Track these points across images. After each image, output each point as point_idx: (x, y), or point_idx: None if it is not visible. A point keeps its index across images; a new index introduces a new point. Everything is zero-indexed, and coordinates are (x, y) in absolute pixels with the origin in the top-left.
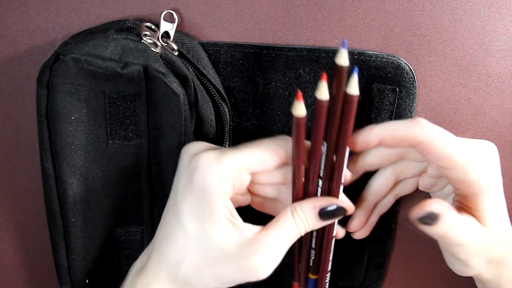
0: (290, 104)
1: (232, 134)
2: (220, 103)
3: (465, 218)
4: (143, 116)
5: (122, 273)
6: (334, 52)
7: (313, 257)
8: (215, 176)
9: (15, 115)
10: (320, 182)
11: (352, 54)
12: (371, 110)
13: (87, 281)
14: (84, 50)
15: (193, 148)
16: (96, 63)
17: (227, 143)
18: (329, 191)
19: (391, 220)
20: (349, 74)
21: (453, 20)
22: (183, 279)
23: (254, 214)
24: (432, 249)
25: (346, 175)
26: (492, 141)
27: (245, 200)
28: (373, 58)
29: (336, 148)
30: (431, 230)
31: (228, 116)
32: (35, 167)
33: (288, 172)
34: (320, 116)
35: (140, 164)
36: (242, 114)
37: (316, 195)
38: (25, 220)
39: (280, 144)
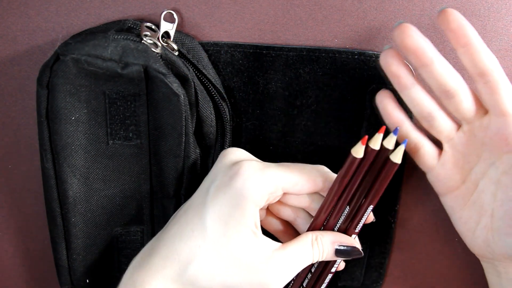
0: (290, 104)
1: (232, 134)
2: (220, 103)
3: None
4: (143, 117)
5: (122, 273)
6: (334, 52)
7: (306, 281)
8: (256, 186)
9: (15, 115)
10: (340, 219)
11: (352, 54)
12: (371, 110)
13: (87, 281)
14: (84, 51)
15: (235, 153)
16: (96, 63)
17: (227, 143)
18: (346, 230)
19: (391, 220)
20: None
21: None
22: (190, 279)
23: None
24: (432, 250)
25: (369, 217)
26: None
27: (261, 215)
28: (373, 58)
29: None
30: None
31: (228, 116)
32: (35, 167)
33: (314, 200)
34: (354, 171)
35: (141, 164)
36: (242, 114)
37: (333, 229)
38: (25, 220)
39: (321, 173)
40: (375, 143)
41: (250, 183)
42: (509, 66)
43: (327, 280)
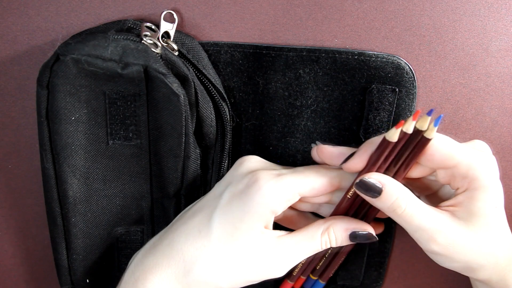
0: (290, 104)
1: (232, 134)
2: (220, 103)
3: (426, 205)
4: (143, 117)
5: (122, 272)
6: (334, 52)
7: (321, 262)
8: (273, 194)
9: (15, 115)
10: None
11: (352, 54)
12: (370, 110)
13: (87, 280)
14: (85, 51)
15: (252, 161)
16: (97, 63)
17: (227, 143)
18: (365, 215)
19: (391, 220)
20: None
21: (453, 20)
22: (196, 279)
23: None
24: None
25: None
26: (492, 141)
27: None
28: (373, 58)
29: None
30: (377, 203)
31: (228, 116)
32: (35, 167)
33: (334, 194)
34: (384, 152)
35: (141, 164)
36: (242, 114)
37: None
38: (25, 220)
39: (337, 173)
40: (409, 127)
41: (267, 192)
42: (509, 66)
43: (340, 262)
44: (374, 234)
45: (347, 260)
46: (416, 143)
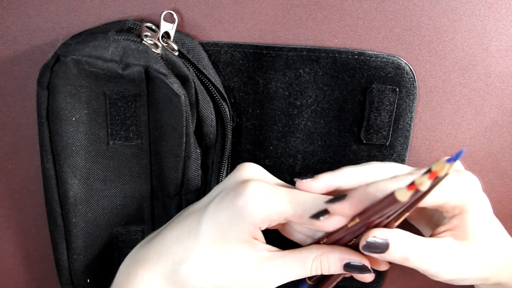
0: (290, 104)
1: (232, 134)
2: (220, 103)
3: (429, 240)
4: (144, 117)
5: None
6: (334, 52)
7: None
8: (257, 211)
9: (15, 115)
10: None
11: (352, 54)
12: (371, 110)
13: (88, 280)
14: (85, 51)
15: (250, 169)
16: (97, 64)
17: (227, 143)
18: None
19: None
20: None
21: (453, 20)
22: (181, 279)
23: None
24: None
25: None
26: (492, 141)
27: (274, 226)
28: (373, 58)
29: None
30: (387, 258)
31: (228, 116)
32: (35, 167)
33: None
34: (389, 208)
35: (141, 165)
36: (242, 114)
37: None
38: (25, 220)
39: None
40: (424, 186)
41: (251, 206)
42: (509, 66)
43: (336, 282)
44: (369, 266)
45: None
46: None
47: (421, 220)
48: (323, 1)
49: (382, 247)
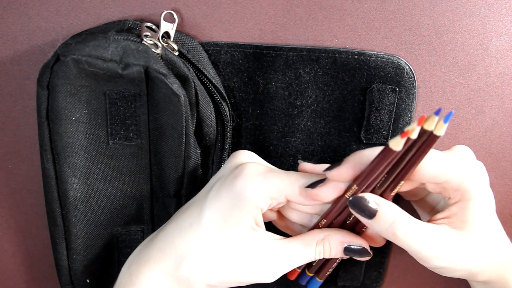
0: (290, 103)
1: (232, 134)
2: (220, 103)
3: (423, 223)
4: (143, 117)
5: None
6: (334, 52)
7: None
8: (257, 189)
9: (15, 115)
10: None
11: (352, 54)
12: (371, 110)
13: (87, 280)
14: (85, 51)
15: (244, 155)
16: (97, 64)
17: (227, 143)
18: (355, 225)
19: None
20: None
21: (453, 20)
22: (185, 274)
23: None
24: None
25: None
26: (492, 141)
27: (271, 216)
28: (373, 58)
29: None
30: (374, 226)
31: (228, 116)
32: (35, 167)
33: (324, 206)
34: (385, 161)
35: (141, 164)
36: (242, 114)
37: (345, 222)
38: (25, 220)
39: None
40: (415, 134)
41: (252, 186)
42: (509, 66)
43: (334, 265)
44: (368, 249)
45: (347, 261)
46: (419, 146)
47: (425, 207)
48: (323, 1)
49: (370, 212)
